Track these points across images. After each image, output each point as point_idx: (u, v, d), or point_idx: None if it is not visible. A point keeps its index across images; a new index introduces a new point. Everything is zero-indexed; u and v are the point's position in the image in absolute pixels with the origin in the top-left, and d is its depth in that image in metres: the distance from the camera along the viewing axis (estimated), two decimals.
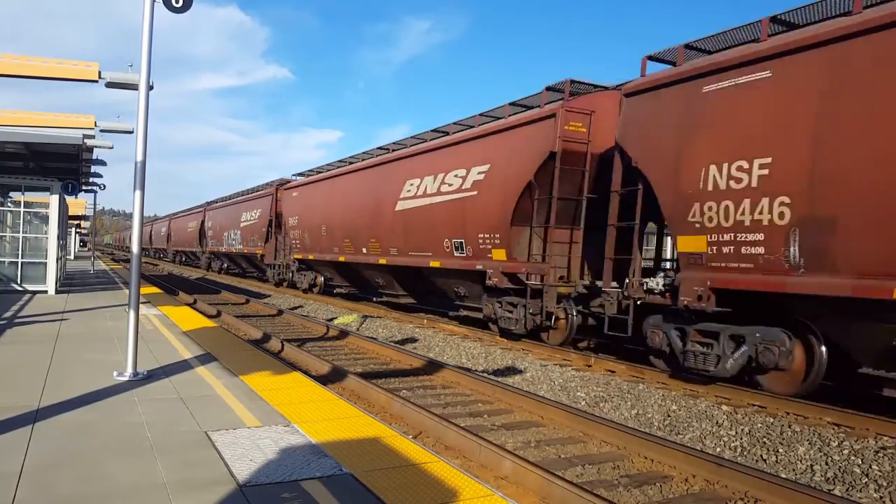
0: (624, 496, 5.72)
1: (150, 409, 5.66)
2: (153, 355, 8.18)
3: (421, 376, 10.46)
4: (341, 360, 11.82)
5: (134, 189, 6.84)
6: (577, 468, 6.33)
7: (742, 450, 7.19)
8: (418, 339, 14.42)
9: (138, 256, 7.10)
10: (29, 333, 9.69)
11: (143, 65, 6.81)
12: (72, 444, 4.61)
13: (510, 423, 7.90)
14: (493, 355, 12.04)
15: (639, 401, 8.86)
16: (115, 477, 4.02)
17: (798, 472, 6.56)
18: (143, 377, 6.86)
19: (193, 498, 3.72)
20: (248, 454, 4.50)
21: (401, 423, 7.62)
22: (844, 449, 6.72)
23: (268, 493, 3.83)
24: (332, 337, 14.37)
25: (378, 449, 4.77)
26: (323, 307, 21.17)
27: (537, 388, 9.98)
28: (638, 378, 10.05)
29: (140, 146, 6.74)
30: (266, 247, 29.55)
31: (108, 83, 11.93)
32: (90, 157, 17.68)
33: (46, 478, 3.96)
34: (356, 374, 9.80)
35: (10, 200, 17.98)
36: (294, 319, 17.64)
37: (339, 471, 4.25)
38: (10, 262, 16.19)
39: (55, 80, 12.74)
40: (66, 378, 6.71)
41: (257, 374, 7.33)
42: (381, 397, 8.50)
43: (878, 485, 6.04)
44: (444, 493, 3.93)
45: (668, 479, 6.07)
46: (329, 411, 5.84)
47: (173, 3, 6.71)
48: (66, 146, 13.83)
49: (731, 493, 5.69)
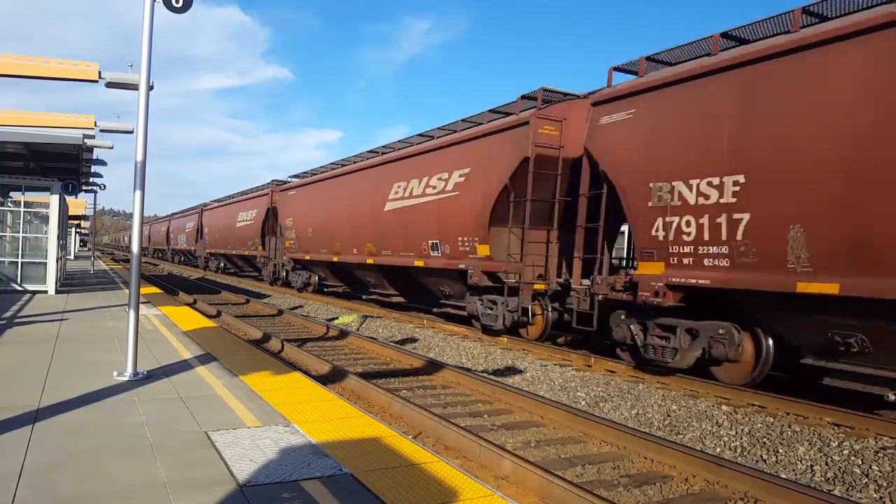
0: (624, 496, 5.73)
1: (150, 409, 5.66)
2: (153, 355, 8.18)
3: (421, 376, 10.47)
4: (341, 360, 11.83)
5: (134, 189, 6.84)
6: (577, 468, 6.34)
7: (742, 450, 7.20)
8: (418, 339, 14.42)
9: (138, 256, 7.10)
10: (29, 333, 9.69)
11: (143, 65, 6.81)
12: (72, 445, 4.61)
13: (510, 423, 7.90)
14: (493, 355, 12.05)
15: (639, 401, 8.87)
16: (114, 477, 4.02)
17: (798, 472, 6.57)
18: (143, 377, 6.86)
19: (193, 498, 3.72)
20: (248, 454, 4.51)
21: (401, 423, 7.63)
22: (844, 449, 6.72)
23: (268, 493, 3.83)
24: (332, 337, 14.37)
25: (378, 449, 4.77)
26: (323, 307, 21.17)
27: (537, 388, 9.98)
28: (638, 378, 10.05)
29: (140, 146, 6.75)
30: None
31: (108, 83, 11.94)
32: (90, 157, 17.69)
33: (46, 478, 3.96)
34: (356, 374, 9.80)
35: (10, 200, 17.98)
36: (294, 319, 17.64)
37: (339, 471, 4.25)
38: (10, 262, 16.19)
39: (55, 80, 12.75)
40: (66, 378, 6.71)
41: (257, 374, 7.33)
42: (381, 397, 8.50)
43: (878, 485, 6.04)
44: (444, 493, 3.93)
45: (668, 479, 6.07)
46: (329, 411, 5.84)
47: (173, 3, 6.71)
48: (66, 146, 13.83)
49: (731, 493, 5.69)
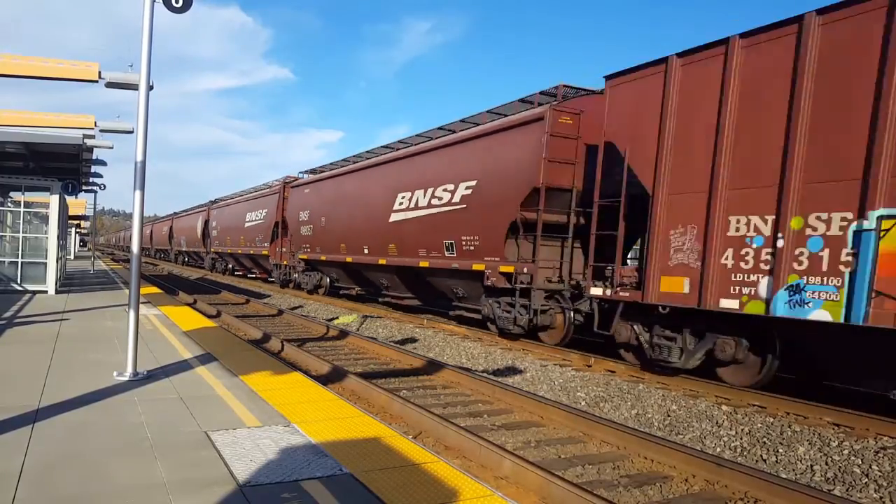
0: (624, 496, 5.73)
1: (150, 409, 5.66)
2: (153, 355, 8.18)
3: (421, 376, 10.47)
4: (341, 360, 11.82)
5: (134, 189, 6.84)
6: (577, 468, 6.34)
7: (742, 450, 7.19)
8: (418, 339, 14.42)
9: (138, 256, 7.10)
10: (29, 333, 9.69)
11: (143, 65, 6.81)
12: (72, 445, 4.61)
13: (510, 423, 7.90)
14: (493, 355, 12.05)
15: (639, 401, 8.87)
16: (115, 477, 4.02)
17: (798, 472, 6.57)
18: (143, 377, 6.86)
19: (193, 498, 3.72)
20: (248, 454, 4.51)
21: (401, 423, 7.63)
22: (844, 449, 6.72)
23: (268, 493, 3.83)
24: (332, 337, 14.36)
25: (378, 449, 4.77)
26: (323, 307, 21.16)
27: (537, 388, 9.98)
28: (638, 378, 10.05)
29: (140, 146, 6.74)
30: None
31: (108, 83, 11.94)
32: (90, 157, 17.67)
33: (46, 478, 3.96)
34: (356, 374, 9.79)
35: (10, 200, 17.98)
36: (294, 319, 17.63)
37: (340, 471, 4.25)
38: (10, 262, 16.18)
39: (55, 80, 12.76)
40: (66, 378, 6.71)
41: (257, 374, 7.33)
42: (381, 397, 8.50)
43: (878, 485, 6.04)
44: (444, 493, 3.93)
45: (668, 479, 6.07)
46: (329, 411, 5.84)
47: (173, 3, 6.71)
48: (66, 146, 13.83)
49: (731, 493, 5.69)
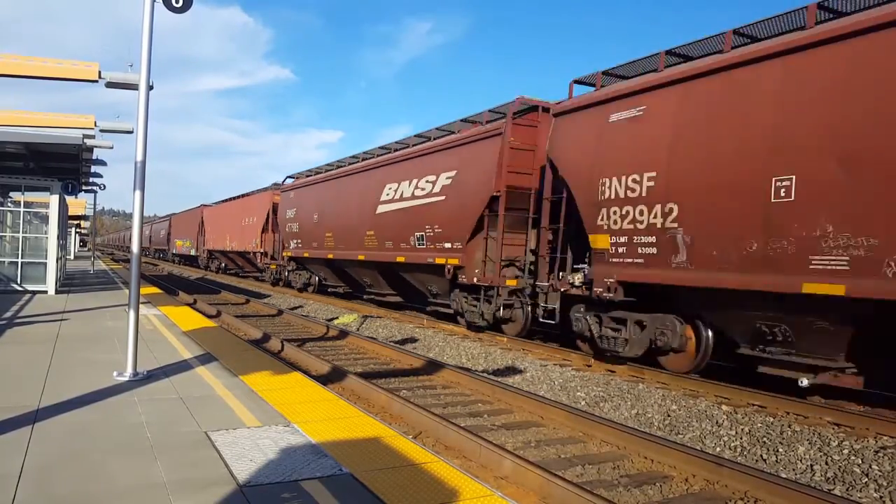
0: (624, 496, 5.73)
1: (150, 409, 5.66)
2: (153, 355, 8.18)
3: (421, 376, 10.47)
4: (341, 360, 11.82)
5: (134, 189, 6.84)
6: (577, 468, 6.34)
7: (742, 450, 7.19)
8: (418, 339, 14.43)
9: (138, 256, 7.10)
10: (29, 333, 9.69)
11: (143, 65, 6.80)
12: (72, 445, 4.61)
13: (510, 423, 7.90)
14: (493, 355, 12.05)
15: (639, 401, 8.87)
16: (115, 477, 4.02)
17: (798, 471, 6.57)
18: (143, 377, 6.86)
19: (193, 498, 3.72)
20: (247, 454, 4.50)
21: (401, 423, 7.62)
22: (844, 449, 6.72)
23: (268, 493, 3.83)
24: (332, 337, 14.37)
25: (378, 449, 4.77)
26: (323, 307, 21.17)
27: (537, 388, 9.98)
28: (638, 378, 10.05)
29: (140, 146, 6.74)
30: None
31: (108, 83, 11.94)
32: (90, 157, 17.69)
33: (46, 478, 3.96)
34: (356, 374, 9.80)
35: (10, 200, 17.98)
36: (294, 319, 17.64)
37: (339, 471, 4.25)
38: (10, 262, 16.18)
39: (55, 80, 12.77)
40: (66, 378, 6.71)
41: (257, 374, 7.33)
42: (381, 397, 8.50)
43: (878, 485, 6.04)
44: (444, 493, 3.93)
45: (668, 479, 6.07)
46: (329, 411, 5.84)
47: (173, 3, 6.71)
48: (66, 146, 13.83)
49: (731, 492, 5.69)
